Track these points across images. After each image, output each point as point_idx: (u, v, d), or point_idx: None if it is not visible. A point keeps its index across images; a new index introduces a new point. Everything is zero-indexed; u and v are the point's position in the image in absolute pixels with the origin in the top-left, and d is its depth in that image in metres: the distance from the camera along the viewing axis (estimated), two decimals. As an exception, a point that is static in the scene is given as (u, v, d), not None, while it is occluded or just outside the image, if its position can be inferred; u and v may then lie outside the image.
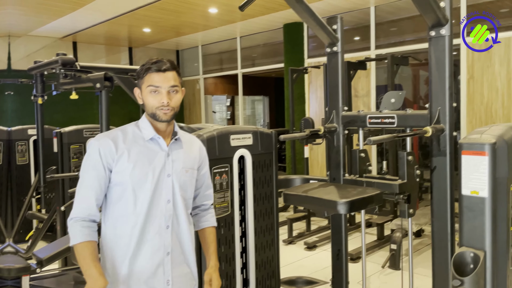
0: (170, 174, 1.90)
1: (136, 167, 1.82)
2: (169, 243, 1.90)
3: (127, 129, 1.92)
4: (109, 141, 1.82)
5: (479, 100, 5.82)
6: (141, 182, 1.82)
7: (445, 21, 2.51)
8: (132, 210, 1.83)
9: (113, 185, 1.84)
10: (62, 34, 8.65)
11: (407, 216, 2.69)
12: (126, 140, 1.86)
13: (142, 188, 1.83)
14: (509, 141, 1.85)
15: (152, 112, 1.87)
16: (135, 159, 1.83)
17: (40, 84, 3.56)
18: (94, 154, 1.81)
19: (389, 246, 4.94)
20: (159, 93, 1.86)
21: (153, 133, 1.89)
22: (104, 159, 1.80)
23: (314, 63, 7.65)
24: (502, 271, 1.86)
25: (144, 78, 1.87)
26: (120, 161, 1.81)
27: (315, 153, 7.73)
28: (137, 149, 1.85)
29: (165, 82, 1.85)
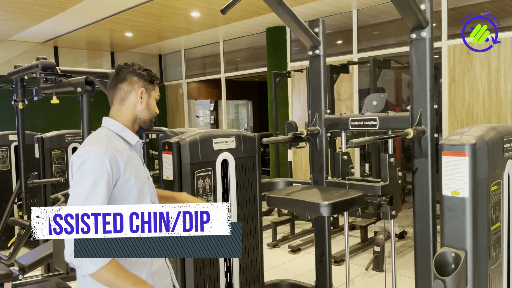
0: (148, 176, 1.92)
1: (137, 175, 1.79)
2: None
3: (110, 137, 1.81)
4: (114, 153, 1.72)
5: (460, 102, 5.90)
6: (141, 188, 1.81)
7: (426, 23, 2.54)
8: None
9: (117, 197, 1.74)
10: (43, 39, 8.55)
11: (390, 218, 2.71)
12: (120, 149, 1.77)
13: (143, 193, 1.81)
14: (489, 141, 1.87)
15: (151, 117, 1.92)
16: (135, 168, 1.79)
17: (21, 89, 3.50)
18: (106, 169, 1.67)
19: (372, 249, 4.97)
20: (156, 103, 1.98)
21: (136, 138, 1.87)
22: (114, 173, 1.70)
23: (297, 67, 7.68)
24: (483, 270, 1.88)
25: (155, 85, 1.93)
26: (126, 171, 1.74)
27: (298, 156, 7.75)
28: (128, 156, 1.79)
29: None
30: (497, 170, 1.94)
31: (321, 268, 3.23)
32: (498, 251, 1.98)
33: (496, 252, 1.96)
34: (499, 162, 1.96)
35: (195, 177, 2.81)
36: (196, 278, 2.82)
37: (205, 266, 2.87)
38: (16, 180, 5.60)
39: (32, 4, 6.16)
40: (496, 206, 1.95)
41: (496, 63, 5.64)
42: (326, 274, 3.22)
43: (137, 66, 1.90)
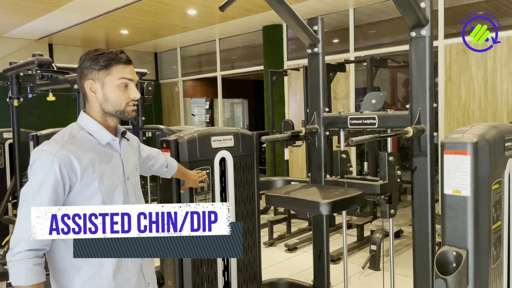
0: (129, 177, 1.76)
1: (104, 177, 1.63)
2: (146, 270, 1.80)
3: (76, 135, 1.66)
4: (68, 155, 1.55)
5: (456, 101, 5.91)
6: (110, 192, 1.65)
7: (426, 21, 2.53)
8: None
9: (72, 202, 1.59)
10: (37, 36, 8.48)
11: (388, 217, 2.70)
12: (84, 149, 1.62)
13: (112, 198, 1.66)
14: (490, 140, 1.87)
15: (120, 109, 1.67)
16: (101, 169, 1.63)
17: (16, 86, 3.46)
18: (54, 172, 1.52)
19: (369, 247, 4.97)
20: (129, 87, 1.68)
21: (110, 136, 1.70)
22: (66, 178, 1.54)
23: (293, 65, 7.67)
24: (484, 269, 1.87)
25: (110, 69, 1.64)
26: (85, 175, 1.58)
27: (294, 155, 7.74)
28: (97, 158, 1.64)
29: (135, 76, 1.69)
30: (498, 168, 1.94)
31: (319, 267, 3.22)
32: (499, 250, 1.97)
33: (497, 251, 1.95)
34: (500, 160, 1.95)
35: (193, 175, 2.79)
36: (194, 277, 2.80)
37: (203, 265, 2.85)
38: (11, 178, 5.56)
39: (27, 1, 6.10)
40: (497, 205, 1.94)
41: (493, 62, 5.65)
42: (324, 273, 3.21)
43: (90, 54, 1.67)
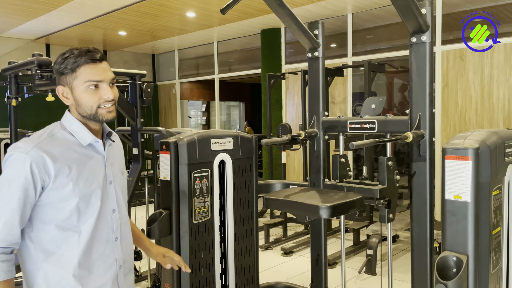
0: (111, 181, 1.69)
1: (79, 180, 1.56)
2: (120, 255, 1.70)
3: (55, 134, 1.60)
4: (42, 155, 1.50)
5: (453, 107, 5.94)
6: (86, 196, 1.58)
7: (426, 27, 2.54)
8: (75, 228, 1.56)
9: (44, 203, 1.53)
10: (35, 36, 8.46)
11: (387, 221, 2.70)
12: (61, 149, 1.56)
13: (88, 202, 1.58)
14: (491, 146, 1.88)
15: (92, 113, 1.59)
16: (77, 172, 1.56)
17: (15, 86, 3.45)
18: (24, 171, 1.48)
19: (365, 252, 4.98)
20: (100, 88, 1.59)
21: (92, 138, 1.63)
22: (36, 177, 1.49)
23: (291, 69, 7.68)
24: (484, 275, 1.88)
25: (76, 72, 1.56)
26: (59, 177, 1.52)
27: (291, 159, 7.74)
28: (76, 160, 1.58)
29: (106, 74, 1.59)
30: (498, 174, 1.95)
31: (317, 270, 3.21)
32: (498, 255, 1.98)
33: (497, 256, 1.96)
34: (500, 166, 1.96)
35: (193, 178, 2.78)
36: (192, 279, 2.79)
37: (201, 268, 2.85)
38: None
39: (25, 1, 6.09)
40: (497, 211, 1.95)
41: (489, 69, 5.68)
42: (321, 277, 3.20)
43: (59, 58, 1.60)
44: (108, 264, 1.66)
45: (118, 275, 1.69)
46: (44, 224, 1.56)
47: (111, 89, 1.62)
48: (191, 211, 2.78)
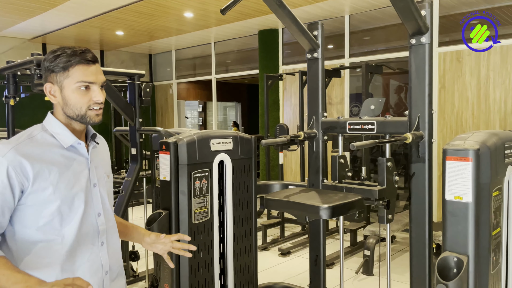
0: (96, 184, 1.64)
1: (60, 183, 1.51)
2: (106, 261, 1.65)
3: (35, 136, 1.55)
4: (19, 158, 1.45)
5: (450, 109, 5.97)
6: (68, 199, 1.53)
7: (426, 29, 2.55)
8: (57, 232, 1.51)
9: (25, 207, 1.48)
10: (31, 35, 8.44)
11: (386, 222, 2.71)
12: (40, 151, 1.52)
13: (70, 206, 1.54)
14: (491, 147, 1.89)
15: (80, 114, 1.55)
16: (58, 174, 1.51)
17: (13, 85, 3.44)
18: (1, 173, 1.44)
19: (362, 252, 4.99)
20: (90, 90, 1.55)
21: (73, 139, 1.58)
22: (14, 180, 1.44)
23: (288, 70, 7.70)
24: (484, 275, 1.89)
25: (69, 71, 1.52)
26: (38, 180, 1.47)
27: (288, 159, 7.76)
28: (57, 162, 1.53)
29: (98, 77, 1.56)
30: (498, 175, 1.96)
31: (315, 271, 3.22)
32: (498, 256, 1.99)
33: (496, 257, 1.97)
34: (500, 167, 1.98)
35: (192, 178, 2.78)
36: (191, 280, 2.79)
37: (200, 268, 2.84)
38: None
39: (23, 0, 6.07)
40: (497, 212, 1.96)
41: (486, 71, 5.71)
42: (320, 277, 3.21)
43: (50, 55, 1.56)
44: (93, 270, 1.60)
45: (104, 281, 1.64)
46: (25, 228, 1.50)
47: (101, 92, 1.59)
48: (190, 211, 2.78)
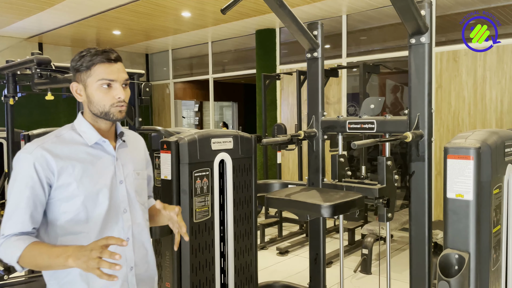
0: (122, 181, 1.68)
1: (84, 178, 1.58)
2: (131, 256, 1.67)
3: (63, 135, 1.64)
4: (44, 153, 1.54)
5: (446, 108, 6.00)
6: (92, 195, 1.59)
7: (425, 29, 2.57)
8: (83, 227, 1.58)
9: (54, 201, 1.57)
10: (27, 35, 8.41)
11: (386, 220, 2.73)
12: (66, 149, 1.60)
13: (95, 201, 1.60)
14: (492, 145, 1.91)
15: (104, 111, 1.61)
16: (82, 171, 1.58)
17: (12, 84, 3.43)
18: (28, 169, 1.53)
19: (360, 251, 5.02)
20: (113, 87, 1.61)
21: (98, 137, 1.64)
22: (41, 174, 1.53)
23: (285, 69, 7.71)
24: (485, 272, 1.91)
25: (91, 70, 1.59)
26: (62, 175, 1.55)
27: (286, 159, 7.77)
28: (81, 158, 1.60)
29: (120, 75, 1.62)
30: (498, 174, 1.98)
31: (315, 269, 3.24)
32: (498, 253, 2.02)
33: (497, 254, 2.00)
34: (500, 166, 2.00)
35: (193, 177, 2.79)
36: (192, 278, 2.81)
37: (201, 267, 2.86)
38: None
39: (19, -1, 6.07)
40: (497, 209, 1.99)
41: (482, 71, 5.75)
42: (320, 275, 3.23)
43: (76, 56, 1.64)
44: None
45: (129, 277, 1.66)
46: (55, 221, 1.59)
47: (123, 90, 1.64)
48: (191, 210, 2.79)
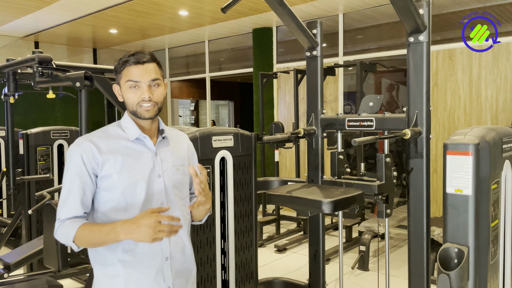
0: (160, 175, 1.77)
1: (124, 170, 1.70)
2: (166, 247, 1.77)
3: (108, 130, 1.80)
4: (90, 145, 1.70)
5: (442, 107, 6.05)
6: (131, 186, 1.71)
7: (424, 27, 2.61)
8: (123, 215, 1.70)
9: (99, 190, 1.72)
10: (23, 34, 8.40)
11: (385, 216, 2.77)
12: (109, 142, 1.74)
13: (133, 192, 1.71)
14: (490, 142, 1.95)
15: (133, 110, 1.74)
16: (122, 163, 1.71)
17: (13, 83, 3.45)
18: (77, 160, 1.69)
19: (357, 248, 5.06)
20: (139, 88, 1.72)
21: (138, 133, 1.77)
22: (88, 165, 1.68)
23: (282, 68, 7.75)
24: (483, 265, 1.95)
25: (122, 73, 1.73)
26: (105, 166, 1.69)
27: (283, 157, 7.81)
28: (122, 151, 1.73)
29: (145, 76, 1.71)
30: (496, 169, 2.02)
31: (315, 266, 3.28)
32: (496, 247, 2.06)
33: (495, 248, 2.04)
34: (498, 162, 2.04)
35: (195, 174, 2.82)
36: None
37: (202, 264, 2.88)
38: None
39: (16, -2, 6.06)
40: (495, 204, 2.03)
41: (477, 69, 5.80)
42: (319, 272, 3.27)
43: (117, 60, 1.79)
44: (152, 253, 1.74)
45: (164, 267, 1.76)
46: (99, 208, 1.74)
47: (152, 90, 1.74)
48: (193, 207, 2.81)
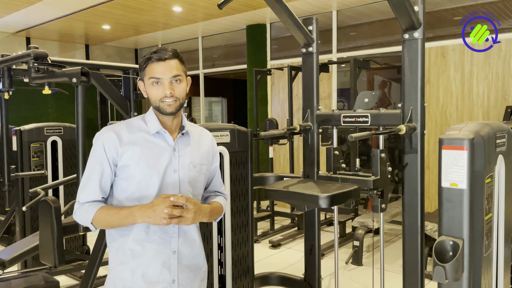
0: (176, 170, 1.83)
1: (141, 162, 1.77)
2: (175, 242, 1.82)
3: (132, 122, 1.87)
4: (112, 134, 1.78)
5: (434, 103, 6.11)
6: (146, 177, 1.77)
7: (419, 24, 2.65)
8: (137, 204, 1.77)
9: (118, 179, 1.80)
10: (15, 29, 8.34)
11: (380, 211, 2.80)
12: (131, 134, 1.81)
13: (148, 184, 1.77)
14: (484, 137, 1.99)
15: (156, 105, 1.80)
16: (140, 154, 1.77)
17: (8, 79, 3.44)
18: (99, 148, 1.78)
19: (351, 243, 5.11)
20: (162, 84, 1.78)
21: (159, 127, 1.83)
22: (108, 153, 1.77)
23: (276, 65, 7.77)
24: (478, 258, 1.99)
25: (145, 70, 1.80)
26: (124, 156, 1.76)
27: (277, 153, 7.84)
28: (142, 144, 1.80)
29: (166, 72, 1.77)
30: (490, 164, 2.06)
31: (310, 260, 3.31)
32: (490, 240, 2.10)
33: (488, 241, 2.08)
34: (492, 156, 2.08)
35: (192, 170, 2.83)
36: (191, 269, 2.85)
37: (199, 258, 2.90)
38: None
39: (8, -7, 6.02)
40: (489, 198, 2.07)
41: (469, 66, 5.86)
42: (315, 266, 3.30)
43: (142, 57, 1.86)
44: (162, 247, 1.80)
45: (171, 261, 1.82)
46: (116, 196, 1.82)
47: (173, 86, 1.79)
48: (190, 202, 2.83)
